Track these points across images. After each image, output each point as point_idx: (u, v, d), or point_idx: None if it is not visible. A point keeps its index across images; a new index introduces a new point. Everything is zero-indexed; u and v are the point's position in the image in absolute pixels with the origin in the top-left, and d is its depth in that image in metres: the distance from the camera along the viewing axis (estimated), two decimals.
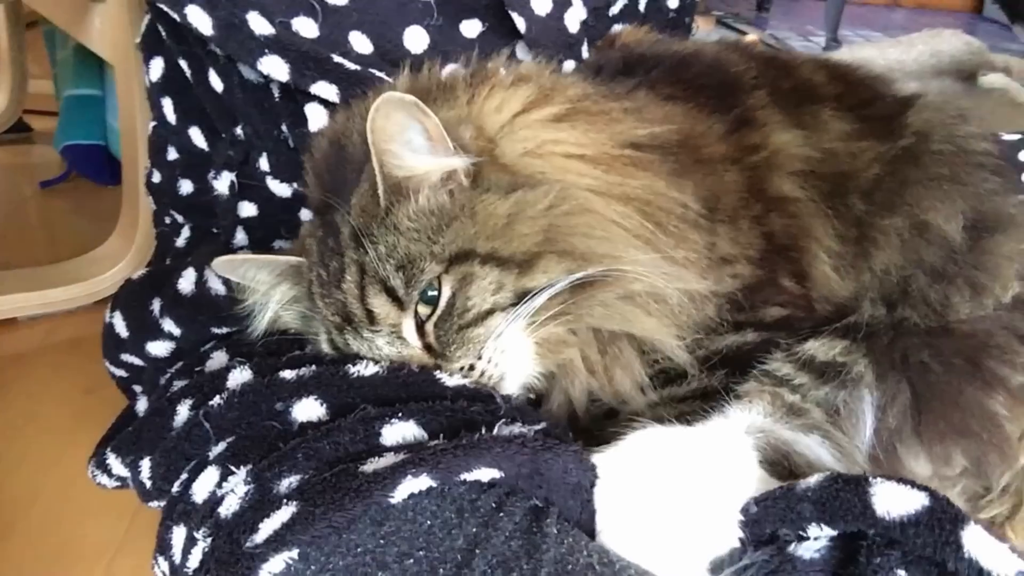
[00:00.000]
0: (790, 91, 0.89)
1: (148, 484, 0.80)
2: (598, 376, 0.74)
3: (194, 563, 0.67)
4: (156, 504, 0.83)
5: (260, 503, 0.63)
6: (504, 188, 0.72)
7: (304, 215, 1.00)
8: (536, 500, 0.62)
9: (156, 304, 0.98)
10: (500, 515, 0.60)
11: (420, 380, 0.71)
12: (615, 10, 1.15)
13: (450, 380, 0.71)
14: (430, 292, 0.71)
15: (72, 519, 1.24)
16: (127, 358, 1.03)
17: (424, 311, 0.72)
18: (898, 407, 0.71)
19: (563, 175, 0.74)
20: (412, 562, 0.58)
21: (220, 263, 0.79)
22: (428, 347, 0.73)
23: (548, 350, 0.74)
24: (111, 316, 1.02)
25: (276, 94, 0.97)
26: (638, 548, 0.59)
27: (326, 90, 0.92)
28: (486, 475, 0.61)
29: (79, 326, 1.66)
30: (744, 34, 3.67)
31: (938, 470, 0.72)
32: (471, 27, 1.02)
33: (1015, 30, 1.05)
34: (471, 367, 0.72)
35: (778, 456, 0.66)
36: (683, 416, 0.69)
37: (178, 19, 0.93)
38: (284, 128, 0.98)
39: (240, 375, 0.79)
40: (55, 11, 1.74)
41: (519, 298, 0.71)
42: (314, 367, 0.74)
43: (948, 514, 0.55)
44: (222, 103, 1.01)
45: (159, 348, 0.98)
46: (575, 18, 1.07)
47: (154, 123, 1.12)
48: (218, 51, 0.96)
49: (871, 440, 0.70)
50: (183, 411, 0.80)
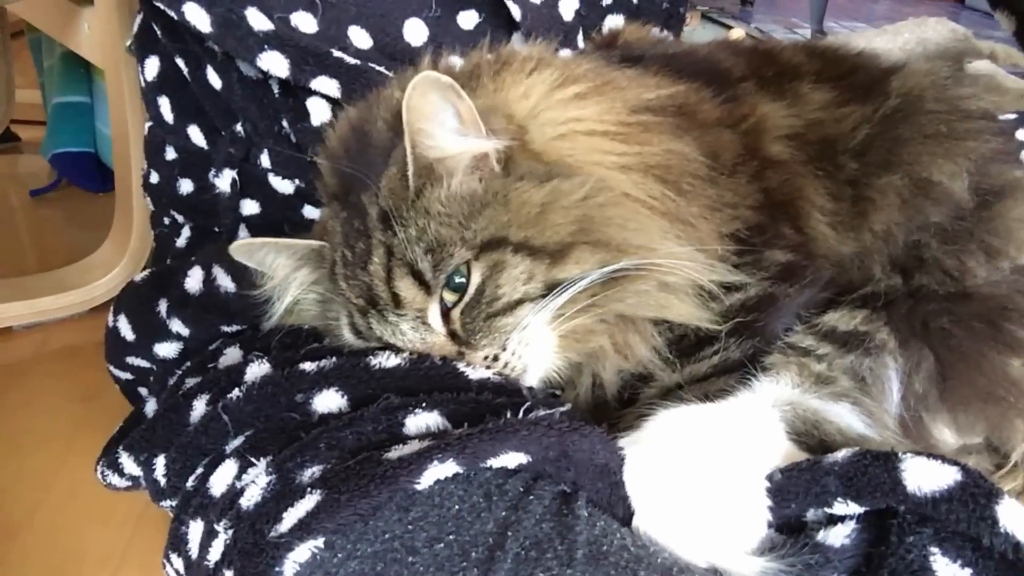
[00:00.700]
0: (773, 76, 0.90)
1: (162, 481, 0.79)
2: (621, 350, 0.74)
3: (215, 556, 0.66)
4: (168, 503, 0.82)
5: (283, 493, 0.62)
6: (538, 176, 0.71)
7: (307, 211, 0.99)
8: (564, 485, 0.62)
9: (163, 305, 0.97)
10: (529, 498, 0.60)
11: (443, 372, 0.70)
12: (608, 0, 1.15)
13: (473, 373, 0.71)
14: (457, 278, 0.70)
15: (75, 528, 1.23)
16: (133, 361, 1.02)
17: (450, 298, 0.71)
18: (923, 373, 0.71)
19: (589, 155, 0.74)
20: (443, 546, 0.57)
21: (238, 247, 0.78)
22: (453, 334, 0.72)
23: (575, 340, 0.73)
24: (115, 319, 1.01)
25: (276, 90, 0.96)
26: (672, 534, 0.59)
27: (326, 85, 0.92)
28: (513, 460, 0.60)
29: (74, 334, 1.65)
30: (729, 28, 3.68)
31: (963, 436, 0.72)
32: (468, 18, 1.02)
33: (996, 16, 1.06)
34: (495, 358, 0.72)
35: (807, 427, 0.66)
36: (708, 395, 0.68)
37: (175, 17, 0.92)
38: (285, 124, 0.97)
39: (258, 368, 0.78)
40: (43, 17, 1.73)
41: (548, 289, 0.70)
42: (334, 359, 0.74)
43: (982, 488, 0.55)
44: (221, 100, 1.00)
45: (167, 349, 0.97)
46: (569, 7, 1.07)
47: (150, 123, 1.12)
48: (216, 48, 0.95)
49: (899, 405, 0.70)
50: (199, 406, 0.79)
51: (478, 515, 0.59)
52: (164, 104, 1.07)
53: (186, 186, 1.07)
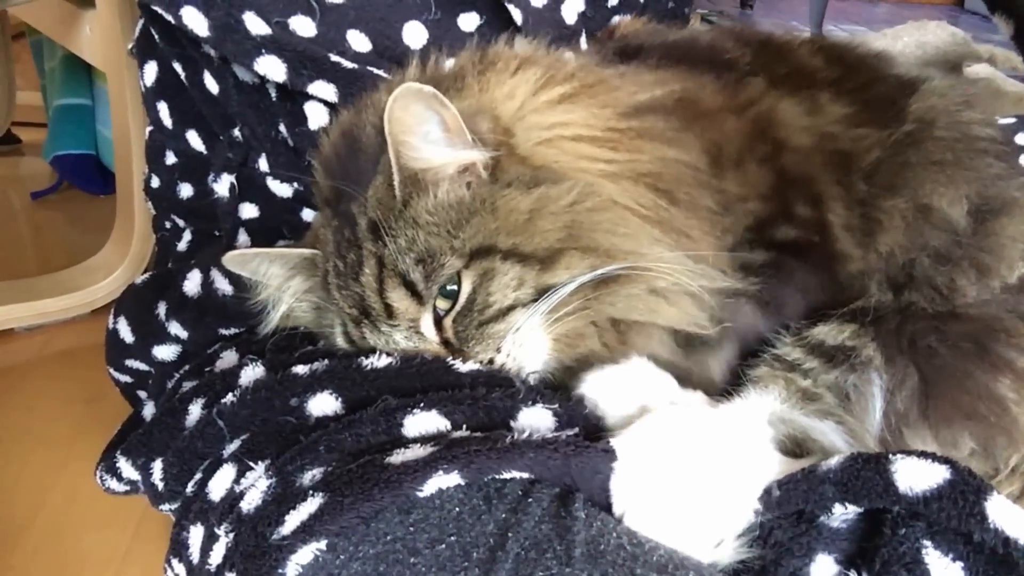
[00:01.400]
0: (786, 76, 0.89)
1: (160, 486, 0.79)
2: (616, 352, 0.74)
3: (216, 559, 0.66)
4: (167, 507, 0.82)
5: (284, 496, 0.63)
6: (526, 183, 0.71)
7: (306, 214, 1.00)
8: (563, 488, 0.62)
9: (162, 308, 0.97)
10: (529, 500, 0.60)
11: (434, 368, 0.71)
12: (614, 1, 1.15)
13: (464, 367, 0.71)
14: (449, 287, 0.71)
15: (76, 531, 1.23)
16: (132, 363, 1.02)
17: (443, 305, 0.72)
18: (906, 390, 0.71)
19: (576, 162, 0.74)
20: (444, 547, 0.57)
21: (231, 258, 0.78)
22: (446, 342, 0.73)
23: (567, 344, 0.74)
24: (115, 322, 1.02)
25: (273, 94, 0.96)
26: (659, 528, 0.60)
27: (324, 89, 0.92)
28: (517, 476, 0.61)
29: (75, 336, 1.65)
30: None
31: (946, 453, 0.72)
32: (469, 20, 1.02)
33: (994, 20, 1.06)
34: (490, 361, 0.72)
35: (793, 442, 0.67)
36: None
37: (173, 21, 0.92)
38: (282, 128, 0.97)
39: (252, 372, 0.78)
40: (44, 20, 1.74)
41: (539, 294, 0.70)
42: (327, 361, 0.74)
43: (971, 485, 0.55)
44: (218, 105, 1.01)
45: (166, 352, 0.97)
46: (572, 9, 1.07)
47: (151, 128, 1.12)
48: (212, 53, 0.96)
49: (880, 423, 0.70)
50: (195, 411, 0.79)
51: (478, 517, 0.59)
52: (163, 109, 1.07)
53: (186, 190, 1.08)
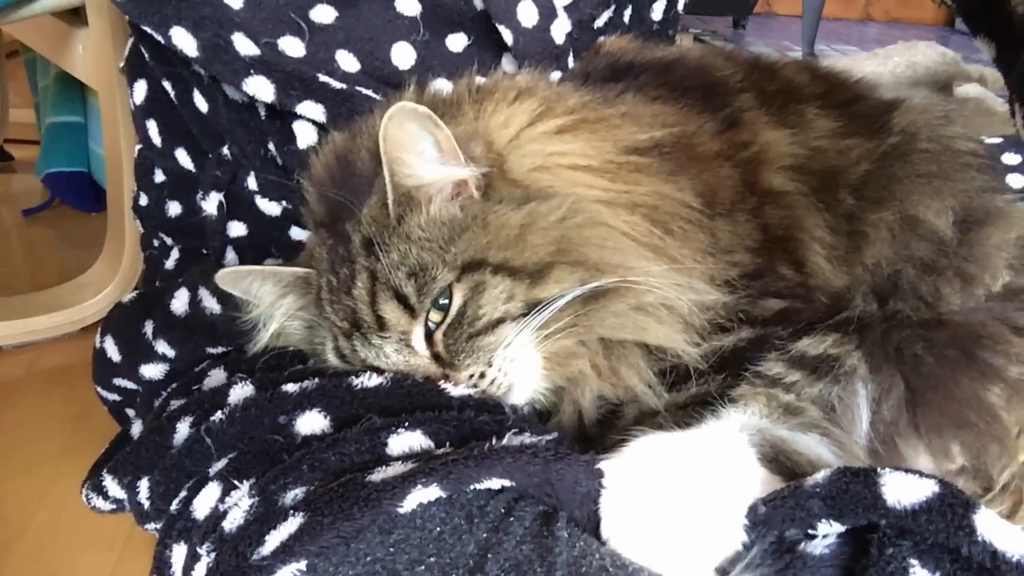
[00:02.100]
0: (775, 93, 0.90)
1: (146, 504, 0.78)
2: (605, 377, 0.74)
3: None
4: (152, 526, 0.82)
5: (265, 516, 0.62)
6: (516, 200, 0.73)
7: (295, 233, 1.00)
8: (545, 506, 0.62)
9: (149, 326, 0.97)
10: (510, 520, 0.60)
11: (425, 390, 0.71)
12: (600, 23, 1.16)
13: (455, 391, 0.71)
14: (441, 300, 0.71)
15: (63, 549, 1.23)
16: (120, 382, 1.02)
17: (435, 318, 0.72)
18: (893, 400, 0.71)
19: (572, 187, 0.74)
20: (423, 568, 0.57)
21: (223, 275, 0.78)
22: (436, 356, 0.73)
23: (557, 364, 0.74)
24: (102, 340, 1.01)
25: (262, 113, 0.96)
26: (645, 553, 0.59)
27: (312, 110, 0.92)
28: (497, 484, 0.61)
29: (65, 354, 1.65)
30: None
31: (939, 464, 0.72)
32: (457, 41, 1.03)
33: (976, 43, 1.07)
34: (481, 375, 0.72)
35: (777, 454, 0.66)
36: (682, 422, 0.69)
37: (163, 41, 0.93)
38: (271, 147, 0.98)
39: (242, 390, 0.78)
40: (38, 39, 1.74)
41: (529, 308, 0.71)
42: (317, 380, 0.74)
43: (959, 499, 0.55)
44: (207, 123, 1.01)
45: (153, 371, 0.97)
46: (560, 30, 1.07)
47: (139, 146, 1.12)
48: (202, 72, 0.96)
49: (868, 434, 0.70)
50: (183, 428, 0.79)
51: (459, 537, 0.59)
52: (152, 127, 1.08)
53: (174, 208, 1.08)
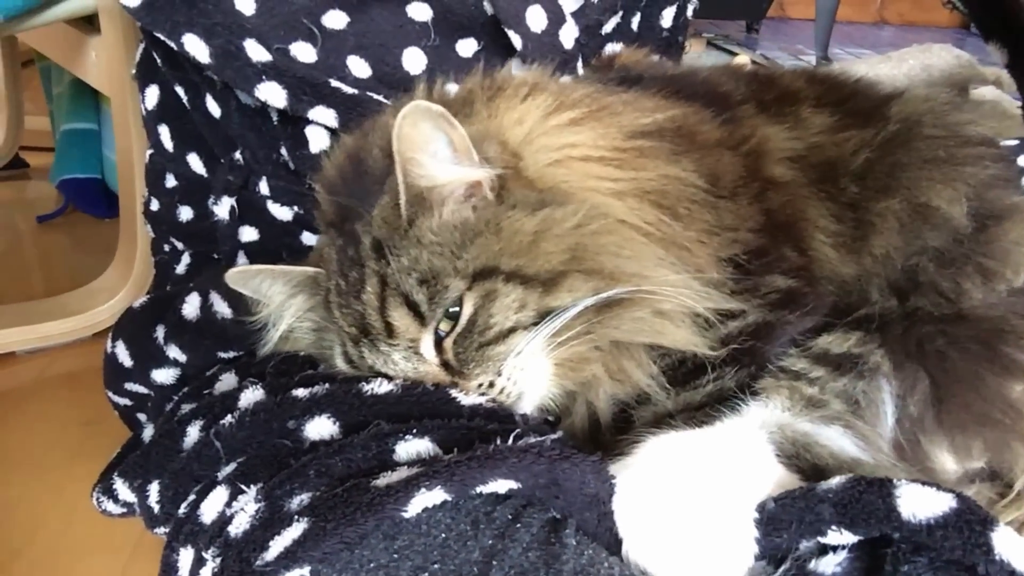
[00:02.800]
0: (773, 100, 0.90)
1: (156, 508, 0.78)
2: (615, 376, 0.74)
3: None
4: (162, 530, 0.81)
5: (270, 521, 0.62)
6: (531, 205, 0.72)
7: (306, 238, 1.00)
8: (554, 512, 0.61)
9: (160, 331, 0.97)
10: (517, 526, 0.59)
11: (435, 398, 0.70)
12: (607, 28, 1.16)
13: (465, 399, 0.71)
14: (452, 308, 0.70)
15: (72, 554, 1.23)
16: (131, 387, 1.02)
17: (444, 327, 0.71)
18: (918, 395, 0.70)
19: (584, 181, 0.74)
20: (427, 575, 0.57)
21: (233, 275, 0.78)
22: (445, 364, 0.72)
23: (570, 369, 0.73)
24: (113, 346, 1.02)
25: (274, 118, 0.97)
26: (662, 560, 0.58)
27: (324, 115, 0.92)
28: (502, 487, 0.60)
29: (77, 359, 1.65)
30: (734, 55, 3.70)
31: (961, 461, 0.71)
32: (467, 46, 1.03)
33: (988, 48, 1.06)
34: (491, 384, 0.72)
35: (798, 450, 0.65)
36: (698, 421, 0.68)
37: (175, 48, 0.93)
38: (283, 151, 0.98)
39: (252, 395, 0.78)
40: (51, 46, 1.75)
41: (541, 317, 0.70)
42: (327, 385, 0.74)
43: (977, 516, 0.54)
44: (220, 128, 1.01)
45: (164, 375, 0.97)
46: (569, 35, 1.07)
47: (151, 151, 1.13)
48: (215, 77, 0.96)
49: (894, 429, 0.69)
50: (193, 432, 0.79)
51: (464, 543, 0.58)
52: (164, 132, 1.08)
53: (186, 213, 1.08)
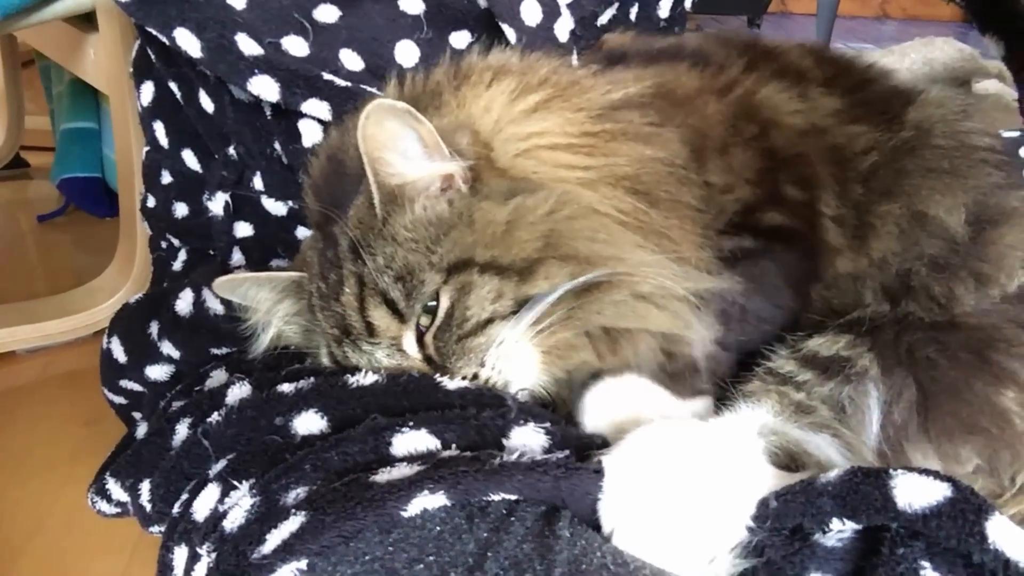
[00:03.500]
0: (776, 72, 0.88)
1: (148, 507, 0.78)
2: (608, 362, 0.73)
3: None
4: (157, 529, 0.81)
5: (267, 515, 0.62)
6: (503, 194, 0.71)
7: (301, 233, 0.99)
8: (548, 504, 0.61)
9: (154, 327, 0.97)
10: (511, 519, 0.59)
11: (422, 386, 0.70)
12: (603, 20, 1.15)
13: (452, 384, 0.70)
14: (430, 303, 0.70)
15: (73, 553, 1.23)
16: (126, 384, 1.02)
17: (424, 321, 0.71)
18: (904, 403, 0.70)
19: (554, 171, 0.73)
20: (422, 567, 0.56)
21: (221, 284, 0.78)
22: (428, 359, 0.72)
23: (558, 356, 0.73)
24: (108, 342, 1.01)
25: (268, 112, 0.96)
26: (646, 547, 0.58)
27: (317, 108, 0.92)
28: (503, 497, 0.60)
29: (78, 358, 1.65)
30: None
31: (948, 468, 0.70)
32: (461, 39, 1.02)
33: (985, 40, 1.05)
34: (474, 376, 0.71)
35: (787, 454, 0.65)
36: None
37: (167, 42, 0.93)
38: (277, 146, 0.97)
39: (239, 391, 0.78)
40: (50, 45, 1.75)
41: (519, 306, 0.70)
42: (313, 379, 0.73)
43: (972, 504, 0.54)
44: (214, 124, 1.01)
45: (158, 372, 0.97)
46: (564, 28, 1.07)
47: (147, 148, 1.13)
48: (208, 72, 0.96)
49: (878, 436, 0.69)
50: (182, 430, 0.79)
51: (459, 536, 0.58)
52: (159, 128, 1.08)
53: (181, 209, 1.08)
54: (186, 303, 0.94)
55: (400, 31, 1.00)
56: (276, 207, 1.00)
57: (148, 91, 1.08)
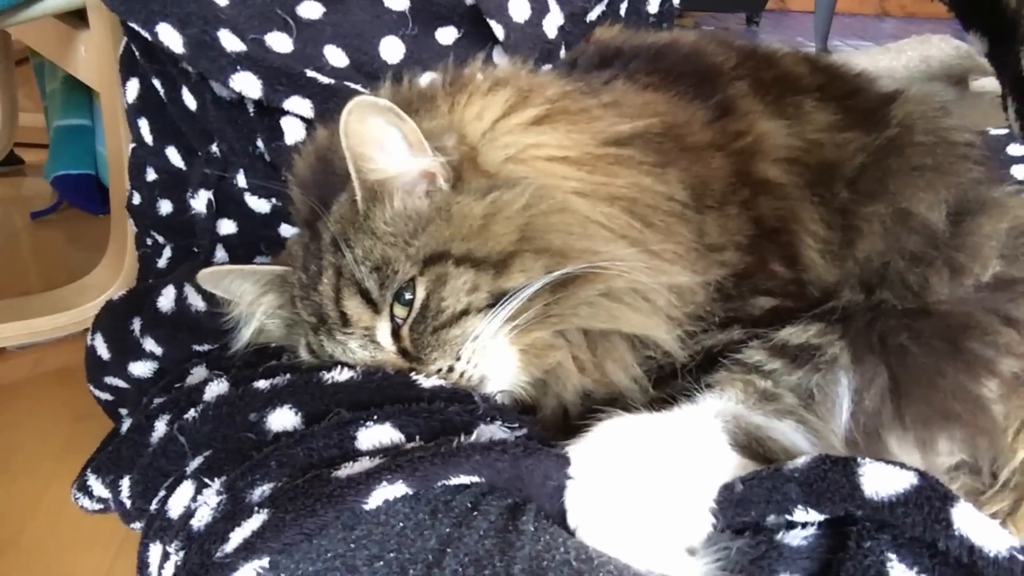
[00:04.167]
0: (771, 81, 0.88)
1: (128, 504, 0.78)
2: (589, 373, 0.73)
3: None
4: (137, 526, 0.81)
5: (232, 513, 0.62)
6: (481, 190, 0.71)
7: (284, 230, 0.99)
8: (514, 499, 0.61)
9: (136, 324, 0.97)
10: (475, 514, 0.59)
11: (396, 383, 0.70)
12: (593, 16, 1.14)
13: (426, 382, 0.70)
14: (407, 295, 0.70)
15: (60, 549, 1.24)
16: (111, 381, 1.02)
17: (400, 314, 0.71)
18: (876, 390, 0.69)
19: (546, 178, 0.73)
20: (382, 564, 0.56)
21: (204, 276, 0.78)
22: (403, 351, 0.72)
23: (535, 356, 0.73)
24: (92, 339, 1.01)
25: (250, 110, 0.96)
26: (611, 539, 0.58)
27: (299, 105, 0.92)
28: (465, 481, 0.60)
29: (67, 355, 1.66)
30: None
31: (928, 458, 0.70)
32: (447, 35, 1.02)
33: (969, 38, 1.05)
34: (450, 368, 0.71)
35: (750, 441, 0.64)
36: (655, 407, 0.67)
37: (149, 38, 0.93)
38: (260, 143, 0.97)
39: (217, 388, 0.78)
40: (42, 42, 1.75)
41: (496, 299, 0.70)
42: (288, 376, 0.73)
43: (937, 492, 0.54)
44: (196, 121, 1.01)
45: (142, 368, 0.97)
46: (553, 24, 1.06)
47: (133, 145, 1.12)
48: (190, 69, 0.96)
49: (848, 423, 0.68)
50: (160, 427, 0.79)
51: (421, 532, 0.58)
52: (144, 125, 1.08)
53: (166, 207, 1.07)
54: (168, 300, 0.94)
55: (385, 27, 0.99)
56: (259, 204, 1.00)
57: (133, 88, 1.08)
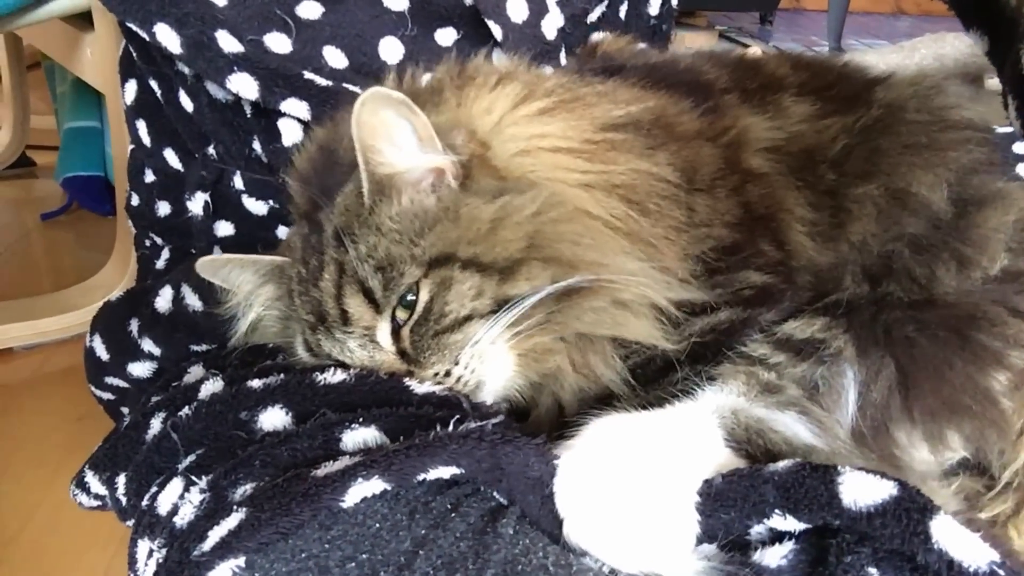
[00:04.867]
0: (756, 89, 0.88)
1: (123, 501, 0.79)
2: (580, 370, 0.72)
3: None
4: (131, 522, 0.81)
5: (213, 511, 0.62)
6: (491, 192, 0.71)
7: (281, 232, 0.99)
8: (499, 497, 0.61)
9: (134, 324, 0.97)
10: (453, 516, 0.58)
11: (388, 387, 0.69)
12: (593, 17, 1.14)
13: (419, 387, 0.70)
14: (409, 297, 0.70)
15: (60, 547, 1.25)
16: (111, 380, 1.02)
17: (402, 315, 0.70)
18: (883, 382, 0.68)
19: (552, 172, 0.73)
20: (354, 566, 0.56)
21: (203, 264, 0.78)
22: (402, 353, 0.72)
23: (534, 360, 0.72)
24: (91, 340, 1.02)
25: (247, 111, 0.96)
26: (597, 540, 0.57)
27: (296, 107, 0.92)
28: (444, 473, 0.59)
29: (72, 355, 1.66)
30: (747, 47, 3.66)
31: (935, 450, 0.69)
32: (446, 35, 1.02)
33: (969, 37, 1.04)
34: (447, 373, 0.70)
35: (750, 435, 0.64)
36: (652, 404, 0.67)
37: (147, 38, 0.93)
38: (256, 146, 0.97)
39: (212, 386, 0.77)
40: (50, 44, 1.77)
41: (499, 305, 0.69)
42: (282, 376, 0.73)
43: (916, 503, 0.53)
44: (193, 123, 1.01)
45: (140, 369, 0.97)
46: (552, 25, 1.06)
47: (132, 146, 1.13)
48: (186, 70, 0.96)
49: (855, 416, 0.67)
50: (156, 425, 0.79)
51: (396, 533, 0.57)
52: (142, 127, 1.08)
53: (163, 208, 1.07)
54: (165, 300, 0.94)
55: (384, 28, 0.99)
56: (257, 206, 1.00)
57: (131, 89, 1.08)
